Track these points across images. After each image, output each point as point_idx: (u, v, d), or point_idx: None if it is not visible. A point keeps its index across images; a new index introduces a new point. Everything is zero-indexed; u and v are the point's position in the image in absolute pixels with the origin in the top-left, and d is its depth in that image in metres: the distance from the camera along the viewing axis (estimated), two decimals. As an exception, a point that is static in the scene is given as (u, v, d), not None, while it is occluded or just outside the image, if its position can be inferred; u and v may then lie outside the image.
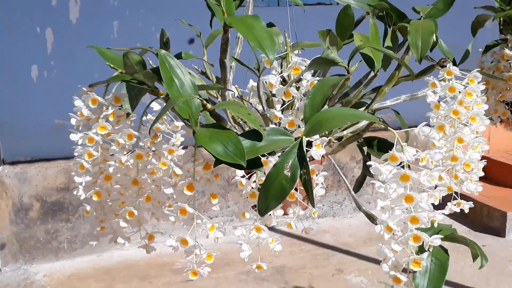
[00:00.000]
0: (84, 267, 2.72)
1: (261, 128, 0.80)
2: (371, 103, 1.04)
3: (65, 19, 2.73)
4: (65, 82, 2.73)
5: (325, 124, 0.80)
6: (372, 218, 1.02)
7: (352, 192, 1.09)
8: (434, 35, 0.93)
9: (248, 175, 0.87)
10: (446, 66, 0.97)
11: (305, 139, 0.81)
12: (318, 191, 0.92)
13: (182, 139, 0.93)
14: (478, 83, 0.96)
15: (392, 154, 0.82)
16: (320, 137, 0.84)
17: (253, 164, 0.81)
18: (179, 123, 0.96)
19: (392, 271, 0.86)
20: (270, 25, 1.06)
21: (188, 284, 2.52)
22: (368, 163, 0.86)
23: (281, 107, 0.93)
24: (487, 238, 2.90)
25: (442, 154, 0.92)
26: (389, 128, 0.83)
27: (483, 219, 3.04)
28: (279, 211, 0.93)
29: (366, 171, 1.06)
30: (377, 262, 2.77)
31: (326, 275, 2.56)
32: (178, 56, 0.98)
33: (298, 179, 0.80)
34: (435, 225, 0.86)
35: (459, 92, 0.95)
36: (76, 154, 0.90)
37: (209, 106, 0.81)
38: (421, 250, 0.87)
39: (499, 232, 2.92)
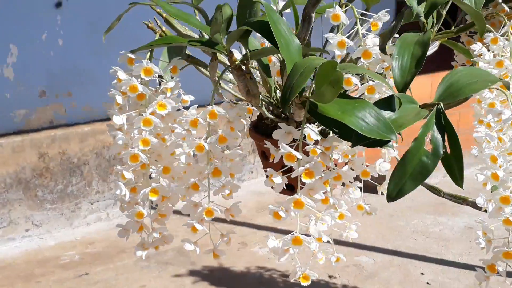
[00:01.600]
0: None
1: (396, 95, 0.66)
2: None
3: None
4: None
5: (463, 87, 0.68)
6: (437, 191, 0.93)
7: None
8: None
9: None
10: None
11: (442, 106, 0.68)
12: (382, 165, 0.83)
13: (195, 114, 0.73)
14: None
15: None
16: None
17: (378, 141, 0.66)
18: (188, 97, 0.77)
19: (504, 247, 0.79)
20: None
21: (84, 279, 2.24)
22: (476, 129, 0.76)
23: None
24: (368, 197, 2.98)
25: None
26: (505, 92, 0.73)
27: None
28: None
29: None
30: (277, 231, 2.73)
31: (231, 250, 2.44)
32: None
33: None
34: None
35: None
36: (119, 142, 0.68)
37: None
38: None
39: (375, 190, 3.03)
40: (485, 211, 0.81)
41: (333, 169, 0.75)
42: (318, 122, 0.66)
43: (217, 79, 0.72)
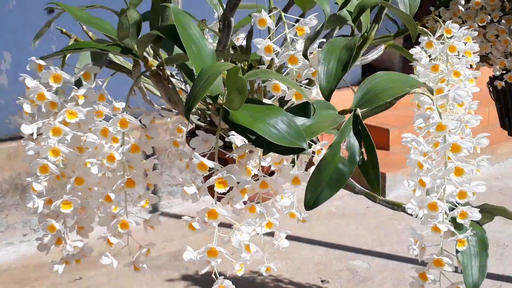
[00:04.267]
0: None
1: (311, 102, 0.64)
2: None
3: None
4: None
5: (381, 92, 0.67)
6: (372, 196, 0.91)
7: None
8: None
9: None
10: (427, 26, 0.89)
11: (359, 112, 0.67)
12: None
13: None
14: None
15: (439, 122, 0.71)
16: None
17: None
18: (119, 104, 0.75)
19: (433, 255, 0.77)
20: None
21: (77, 283, 2.26)
22: (403, 135, 0.75)
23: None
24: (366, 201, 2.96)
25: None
26: (428, 94, 0.72)
27: (362, 182, 3.10)
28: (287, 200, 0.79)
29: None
30: (272, 234, 2.72)
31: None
32: None
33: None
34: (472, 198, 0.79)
35: (458, 52, 0.86)
36: (29, 152, 0.67)
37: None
38: (457, 227, 0.79)
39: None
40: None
41: (263, 176, 0.75)
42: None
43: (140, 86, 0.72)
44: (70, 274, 2.30)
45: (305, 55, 0.73)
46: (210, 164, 0.63)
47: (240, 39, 0.97)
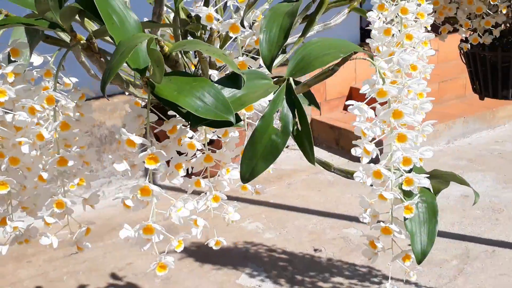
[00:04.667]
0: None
1: (240, 71, 0.63)
2: (302, 35, 0.90)
3: None
4: None
5: (314, 59, 0.65)
6: (327, 165, 0.90)
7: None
8: None
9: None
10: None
11: (292, 81, 0.65)
12: None
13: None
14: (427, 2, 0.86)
15: (380, 88, 0.70)
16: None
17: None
18: (70, 80, 0.74)
19: (381, 223, 0.76)
20: None
21: (73, 257, 2.28)
22: (347, 102, 0.73)
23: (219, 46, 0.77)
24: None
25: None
26: (371, 61, 0.70)
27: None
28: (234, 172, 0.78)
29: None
30: (268, 205, 2.72)
31: (220, 225, 2.43)
32: None
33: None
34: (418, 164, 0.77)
35: (412, 13, 0.84)
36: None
37: (166, 48, 0.62)
38: (406, 194, 0.78)
39: (374, 160, 2.96)
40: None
41: (212, 151, 0.74)
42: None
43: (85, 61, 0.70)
44: (66, 249, 2.30)
45: (242, 24, 0.71)
46: (138, 140, 0.62)
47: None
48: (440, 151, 3.12)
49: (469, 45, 1.18)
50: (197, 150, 0.74)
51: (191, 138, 0.72)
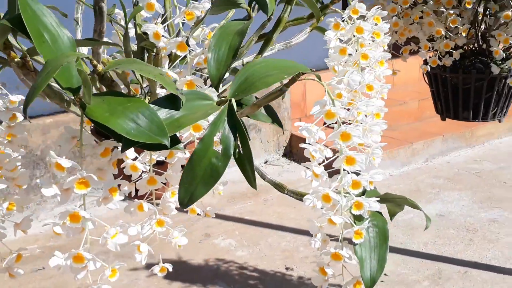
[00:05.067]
0: None
1: (179, 92, 0.60)
2: (258, 54, 0.88)
3: None
4: None
5: (257, 80, 0.63)
6: (281, 187, 0.88)
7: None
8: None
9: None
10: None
11: (234, 103, 0.62)
12: None
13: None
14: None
15: (328, 109, 0.67)
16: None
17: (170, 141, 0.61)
18: (16, 97, 0.71)
19: (331, 249, 0.74)
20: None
21: (40, 273, 2.22)
22: (296, 123, 0.70)
23: (169, 63, 0.74)
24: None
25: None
26: (320, 82, 0.67)
27: (337, 164, 3.05)
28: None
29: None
30: (243, 221, 2.68)
31: (193, 241, 2.41)
32: None
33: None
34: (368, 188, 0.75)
35: (368, 32, 0.82)
36: None
37: (100, 67, 0.59)
38: (356, 218, 0.75)
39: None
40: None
41: (158, 173, 0.71)
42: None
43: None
44: (34, 264, 2.26)
45: (187, 43, 0.68)
46: (66, 164, 0.58)
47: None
48: (418, 169, 3.11)
49: (428, 66, 1.17)
50: (143, 172, 0.71)
51: (134, 159, 0.69)
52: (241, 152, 0.62)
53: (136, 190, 0.71)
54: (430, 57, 1.13)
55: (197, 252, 2.33)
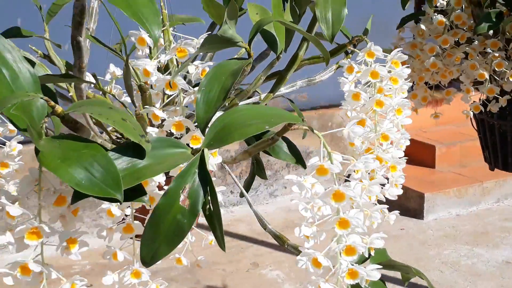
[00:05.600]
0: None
1: (143, 140, 0.54)
2: (270, 92, 0.82)
3: None
4: None
5: (235, 130, 0.56)
6: (281, 240, 0.80)
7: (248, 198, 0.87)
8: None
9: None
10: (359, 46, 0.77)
11: (207, 153, 0.56)
12: None
13: (20, 147, 0.66)
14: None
15: (320, 165, 0.59)
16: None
17: (132, 192, 0.55)
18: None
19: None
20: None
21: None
22: (287, 177, 0.63)
23: (162, 103, 0.69)
24: (404, 220, 2.76)
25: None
26: (314, 131, 0.60)
27: (400, 200, 2.89)
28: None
29: (256, 171, 0.90)
30: (294, 253, 2.59)
31: (240, 270, 2.34)
32: (9, 34, 0.69)
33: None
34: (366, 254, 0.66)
35: (382, 78, 0.74)
36: None
37: (59, 108, 0.54)
38: (354, 286, 0.66)
39: (417, 213, 2.79)
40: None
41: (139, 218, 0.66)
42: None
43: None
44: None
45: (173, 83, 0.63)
46: (16, 212, 0.54)
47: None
48: (487, 209, 2.91)
49: (471, 112, 1.06)
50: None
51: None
52: (211, 209, 0.55)
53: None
54: (473, 102, 1.02)
55: (243, 282, 2.26)
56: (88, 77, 0.68)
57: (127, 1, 0.52)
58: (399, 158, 0.75)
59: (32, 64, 0.68)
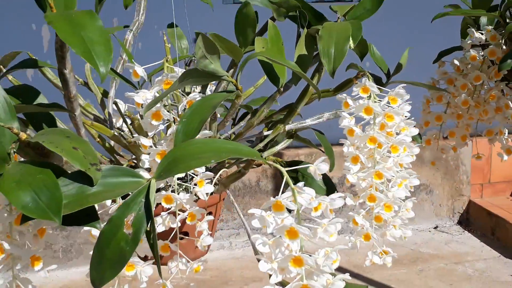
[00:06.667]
0: (77, 279, 2.54)
1: (93, 168, 0.57)
2: (281, 123, 0.81)
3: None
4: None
5: (183, 161, 0.57)
6: None
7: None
8: (352, 41, 0.68)
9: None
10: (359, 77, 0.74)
11: (154, 183, 0.57)
12: (204, 240, 0.74)
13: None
14: (406, 102, 0.71)
15: (276, 201, 0.58)
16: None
17: (86, 217, 0.58)
18: None
19: None
20: (171, 26, 0.84)
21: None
22: (250, 211, 0.62)
23: (153, 132, 0.71)
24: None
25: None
26: (278, 167, 0.58)
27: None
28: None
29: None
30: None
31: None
32: (25, 65, 0.75)
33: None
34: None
35: (377, 114, 0.70)
36: None
37: (24, 136, 0.58)
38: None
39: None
40: None
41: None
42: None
43: None
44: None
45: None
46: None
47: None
48: None
49: (505, 156, 0.95)
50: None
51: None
52: (152, 237, 0.57)
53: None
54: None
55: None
56: (92, 107, 0.73)
57: (82, 39, 0.55)
58: (400, 198, 0.71)
59: (37, 93, 0.73)
